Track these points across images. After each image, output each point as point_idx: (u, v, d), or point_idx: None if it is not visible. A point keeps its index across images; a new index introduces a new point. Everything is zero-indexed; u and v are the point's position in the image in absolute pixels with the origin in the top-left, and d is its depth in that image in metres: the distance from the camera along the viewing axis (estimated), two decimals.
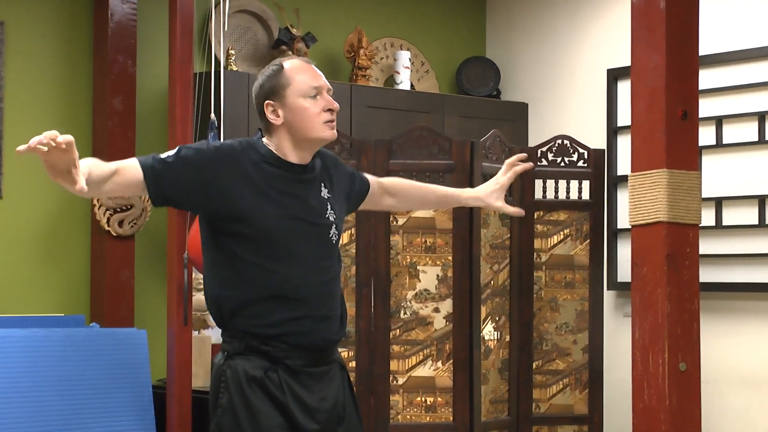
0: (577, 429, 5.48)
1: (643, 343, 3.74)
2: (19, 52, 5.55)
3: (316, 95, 3.36)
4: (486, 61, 7.05)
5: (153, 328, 5.68)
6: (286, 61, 3.41)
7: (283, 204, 3.31)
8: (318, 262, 3.36)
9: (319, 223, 3.38)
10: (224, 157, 3.29)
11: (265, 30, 6.31)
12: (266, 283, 3.28)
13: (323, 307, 3.36)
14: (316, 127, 3.35)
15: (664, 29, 3.73)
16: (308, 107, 3.35)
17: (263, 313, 3.29)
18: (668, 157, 3.73)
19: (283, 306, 3.29)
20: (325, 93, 3.37)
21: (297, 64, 3.39)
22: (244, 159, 3.31)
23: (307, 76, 3.36)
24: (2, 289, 5.47)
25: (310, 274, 3.33)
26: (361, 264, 5.16)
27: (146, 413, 5.17)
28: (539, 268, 5.47)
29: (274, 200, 3.30)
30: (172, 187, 3.23)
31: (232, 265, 3.30)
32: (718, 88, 5.97)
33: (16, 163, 5.51)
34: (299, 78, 3.36)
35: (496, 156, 5.32)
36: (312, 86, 3.35)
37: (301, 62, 3.40)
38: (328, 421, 3.36)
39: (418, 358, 5.21)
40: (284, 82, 3.36)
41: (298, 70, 3.37)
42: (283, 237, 3.29)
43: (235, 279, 3.30)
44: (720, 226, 5.95)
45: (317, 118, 3.35)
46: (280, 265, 3.29)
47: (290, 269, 3.30)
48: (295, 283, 3.30)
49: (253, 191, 3.28)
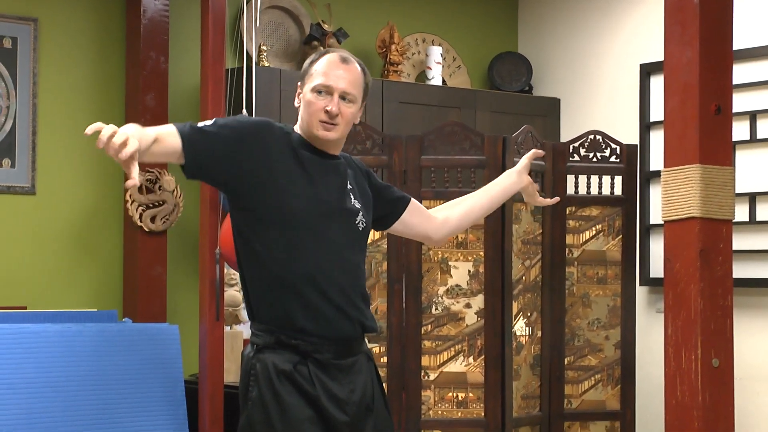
0: (609, 425, 5.46)
1: (676, 339, 3.72)
2: (52, 49, 5.58)
3: (322, 92, 3.37)
4: (518, 57, 7.03)
5: (185, 324, 5.70)
6: (329, 52, 3.44)
7: (313, 185, 3.34)
8: (342, 249, 3.37)
9: (345, 208, 3.40)
10: (262, 131, 3.33)
11: (296, 26, 6.31)
12: (290, 270, 3.29)
13: (347, 294, 3.37)
14: (313, 122, 3.37)
15: (698, 24, 3.71)
16: (312, 102, 3.38)
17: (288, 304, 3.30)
18: (701, 152, 3.71)
19: (306, 296, 3.30)
20: (335, 95, 3.37)
21: (329, 59, 3.40)
22: (279, 137, 3.36)
23: (325, 72, 3.38)
24: (36, 284, 5.50)
25: (334, 262, 3.34)
26: (393, 260, 5.16)
27: (178, 408, 5.19)
28: (571, 264, 5.45)
29: (305, 180, 3.33)
30: (208, 157, 3.24)
31: (259, 254, 3.31)
32: (752, 82, 5.94)
33: (50, 160, 5.54)
34: (318, 71, 3.38)
35: (528, 152, 5.30)
36: (322, 83, 3.37)
37: (335, 59, 3.40)
38: (357, 413, 3.38)
39: (450, 353, 5.20)
40: (310, 71, 3.41)
41: (325, 64, 3.39)
42: (311, 218, 3.31)
43: (262, 269, 3.32)
44: (754, 222, 5.91)
45: (315, 115, 3.37)
46: (306, 247, 3.30)
47: (316, 253, 3.31)
48: (319, 270, 3.30)
49: (285, 168, 3.31)
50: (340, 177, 3.44)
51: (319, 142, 3.40)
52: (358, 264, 3.43)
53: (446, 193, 5.19)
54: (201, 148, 3.22)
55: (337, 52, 3.44)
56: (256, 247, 3.32)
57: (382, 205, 3.65)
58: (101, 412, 4.98)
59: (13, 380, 4.83)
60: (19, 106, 5.46)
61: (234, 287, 5.63)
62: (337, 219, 3.38)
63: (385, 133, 5.51)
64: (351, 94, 3.39)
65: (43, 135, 5.52)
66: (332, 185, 3.40)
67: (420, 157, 5.21)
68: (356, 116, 3.45)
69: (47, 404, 4.88)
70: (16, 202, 5.46)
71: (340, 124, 3.38)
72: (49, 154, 5.54)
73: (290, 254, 3.30)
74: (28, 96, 5.48)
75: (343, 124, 3.39)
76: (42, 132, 5.52)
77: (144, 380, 5.13)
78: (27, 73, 5.48)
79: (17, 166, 5.46)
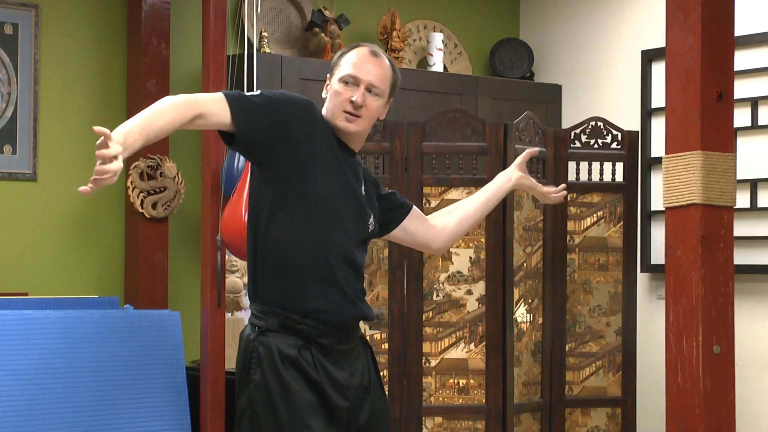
0: (611, 411, 5.47)
1: (677, 325, 3.73)
2: (53, 35, 5.57)
3: (349, 83, 3.37)
4: (519, 43, 7.02)
5: (187, 310, 5.70)
6: (360, 45, 3.45)
7: (341, 175, 3.36)
8: (355, 243, 3.40)
9: (363, 206, 3.44)
10: (308, 112, 3.33)
11: (298, 12, 6.31)
12: (310, 252, 3.30)
13: (353, 286, 3.41)
14: (336, 112, 3.37)
15: (700, 10, 3.70)
16: (339, 92, 3.38)
17: (302, 288, 3.31)
18: (703, 138, 3.71)
19: (318, 279, 3.31)
20: (362, 87, 3.37)
21: (359, 52, 3.42)
22: (320, 121, 3.37)
23: (354, 64, 3.39)
24: (37, 271, 5.50)
25: (348, 251, 3.36)
26: (394, 246, 5.16)
27: (180, 395, 5.20)
28: (572, 251, 5.46)
29: (335, 169, 3.36)
30: (256, 126, 3.23)
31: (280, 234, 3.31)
32: (754, 69, 5.93)
33: (51, 146, 5.54)
34: (347, 63, 3.40)
35: (529, 138, 5.31)
36: (350, 74, 3.38)
37: (365, 52, 3.42)
38: (356, 397, 3.40)
39: (451, 340, 5.21)
40: (339, 62, 3.44)
41: (355, 56, 3.41)
42: (336, 206, 3.34)
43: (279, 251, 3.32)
44: (755, 208, 5.91)
45: (341, 105, 3.37)
46: (327, 234, 3.31)
47: (335, 241, 3.33)
48: (332, 255, 3.32)
49: (321, 153, 3.33)
50: (358, 177, 3.47)
51: (340, 134, 3.40)
52: (361, 263, 3.46)
53: (447, 179, 5.19)
54: (251, 116, 3.22)
55: (368, 46, 3.46)
56: (276, 226, 3.32)
57: (385, 211, 3.67)
58: (102, 399, 4.99)
59: (15, 366, 4.83)
60: (21, 92, 5.45)
61: (235, 274, 5.63)
62: (356, 214, 3.42)
63: (386, 119, 5.51)
64: (378, 87, 3.40)
65: (45, 121, 5.52)
66: (353, 179, 3.42)
67: (421, 143, 5.21)
68: (381, 112, 3.46)
69: (48, 390, 4.88)
70: (18, 189, 5.46)
71: (364, 116, 3.38)
72: (50, 141, 5.54)
73: (311, 238, 3.31)
74: (30, 82, 5.47)
75: (367, 117, 3.39)
76: (43, 118, 5.52)
77: (145, 367, 5.14)
78: (28, 60, 5.47)
79: (18, 152, 5.46)
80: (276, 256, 3.33)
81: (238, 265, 5.63)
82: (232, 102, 3.19)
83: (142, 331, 5.17)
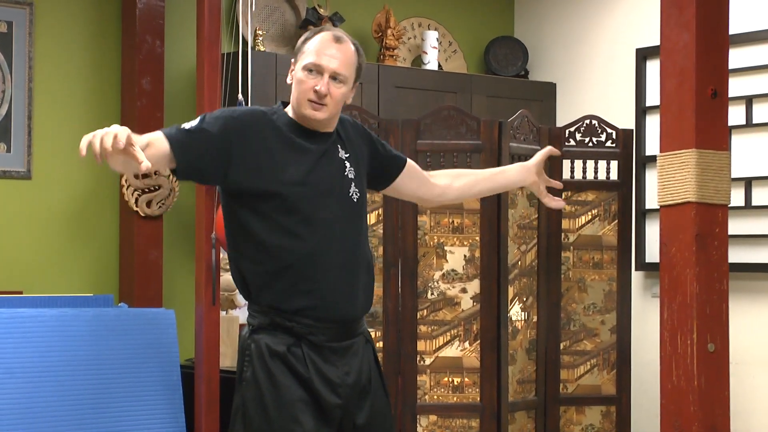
0: (605, 410, 5.47)
1: (672, 323, 3.73)
2: (48, 33, 5.57)
3: (313, 71, 3.34)
4: (514, 41, 7.02)
5: (181, 308, 5.70)
6: (323, 31, 3.40)
7: (302, 167, 3.33)
8: (339, 226, 3.36)
9: (337, 183, 3.39)
10: (244, 125, 3.31)
11: (292, 10, 6.30)
12: (288, 252, 3.29)
13: (346, 277, 3.37)
14: (302, 101, 3.35)
15: (694, 8, 3.70)
16: (302, 80, 3.35)
17: (286, 285, 3.30)
18: (697, 136, 3.70)
19: (303, 276, 3.30)
20: (325, 75, 3.33)
21: (322, 38, 3.37)
22: (265, 125, 3.34)
23: (317, 51, 3.34)
24: (32, 269, 5.50)
25: (331, 240, 3.34)
26: (389, 244, 5.16)
27: (174, 393, 5.20)
28: (567, 249, 5.46)
29: (294, 164, 3.32)
30: (196, 157, 3.23)
31: (255, 237, 3.31)
32: (749, 67, 5.93)
33: (46, 144, 5.53)
34: (311, 50, 3.35)
35: (524, 136, 5.31)
36: (313, 62, 3.33)
37: (328, 38, 3.37)
38: (350, 395, 3.38)
39: (446, 338, 5.21)
40: (303, 48, 3.38)
41: (318, 42, 3.36)
42: (303, 201, 3.30)
43: (258, 252, 3.32)
44: (749, 207, 5.92)
45: (305, 93, 3.34)
46: (300, 232, 3.29)
47: (311, 235, 3.31)
48: (316, 250, 3.30)
49: (273, 156, 3.30)
50: (331, 150, 3.42)
51: (307, 121, 3.37)
52: (356, 235, 3.41)
53: None
54: (188, 148, 3.21)
55: (331, 30, 3.41)
56: (251, 234, 3.32)
57: (377, 165, 3.61)
58: (97, 397, 4.99)
59: (10, 365, 4.83)
60: (15, 90, 5.45)
61: (229, 272, 5.63)
62: (330, 196, 3.36)
63: (381, 117, 5.51)
64: (342, 74, 3.36)
65: (39, 119, 5.51)
66: (323, 162, 3.38)
67: (416, 141, 5.21)
68: (347, 96, 3.42)
69: (43, 388, 4.88)
70: (12, 187, 5.46)
71: (329, 104, 3.36)
72: (45, 139, 5.53)
73: (286, 239, 3.29)
74: (24, 80, 5.47)
75: (332, 105, 3.37)
76: (38, 116, 5.51)
77: (140, 365, 5.13)
78: (23, 58, 5.47)
79: (13, 150, 5.45)
80: (258, 262, 3.32)
81: None
82: (169, 134, 3.21)
83: (137, 329, 5.17)
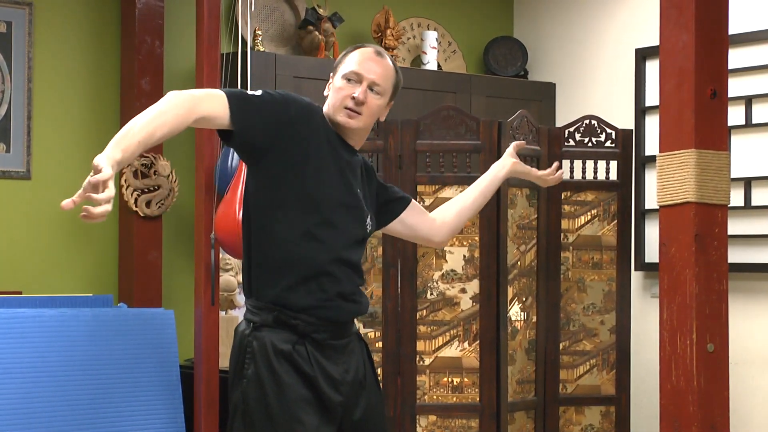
0: (605, 410, 5.47)
1: (671, 323, 3.73)
2: (47, 33, 5.57)
3: (352, 80, 3.38)
4: (513, 41, 7.02)
5: (180, 309, 5.70)
6: (364, 46, 3.46)
7: (340, 175, 3.36)
8: (352, 242, 3.40)
9: (361, 206, 3.44)
10: (307, 111, 3.34)
11: (292, 10, 6.30)
12: (301, 251, 3.30)
13: (352, 283, 3.41)
14: (337, 107, 3.37)
15: (694, 8, 3.70)
16: (340, 87, 3.39)
17: (293, 282, 3.31)
18: (697, 137, 3.70)
19: (313, 276, 3.31)
20: (364, 84, 3.38)
21: (364, 51, 3.43)
22: (321, 122, 3.38)
23: (358, 62, 3.40)
24: (31, 269, 5.50)
25: (346, 250, 3.36)
26: (388, 244, 5.16)
27: (174, 393, 5.20)
28: (566, 249, 5.46)
29: (334, 169, 3.35)
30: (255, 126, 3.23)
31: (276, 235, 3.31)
32: (748, 67, 5.93)
33: (45, 144, 5.53)
34: (351, 61, 3.42)
35: (523, 136, 5.30)
36: (353, 70, 3.39)
37: (369, 51, 3.43)
38: (350, 392, 3.41)
39: (445, 338, 5.21)
40: (343, 60, 3.44)
41: (359, 54, 3.42)
42: (333, 207, 3.33)
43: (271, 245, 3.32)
44: (749, 207, 5.91)
45: (342, 101, 3.37)
46: (317, 233, 3.31)
47: (332, 241, 3.33)
48: (329, 252, 3.32)
49: (320, 154, 3.32)
50: (357, 177, 3.47)
51: (340, 130, 3.40)
52: (357, 261, 3.45)
53: (442, 177, 5.19)
54: (250, 119, 3.22)
55: (373, 46, 3.47)
56: (272, 224, 3.32)
57: (383, 203, 3.67)
58: (97, 397, 4.99)
59: (9, 365, 4.83)
60: (14, 90, 5.44)
61: (229, 272, 5.63)
62: (354, 215, 3.42)
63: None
64: (380, 85, 3.40)
65: (39, 120, 5.51)
66: (349, 175, 3.42)
67: (415, 141, 5.21)
68: (382, 112, 3.46)
69: (43, 389, 4.88)
70: (12, 187, 5.46)
71: (364, 113, 3.38)
72: (44, 139, 5.53)
73: (308, 238, 3.30)
74: (23, 81, 5.46)
75: (367, 115, 3.39)
76: (37, 117, 5.51)
77: (139, 365, 5.13)
78: (22, 58, 5.46)
79: (12, 151, 5.45)
80: (272, 254, 3.33)
81: (231, 264, 5.63)
82: (232, 101, 3.20)
83: (136, 329, 5.17)
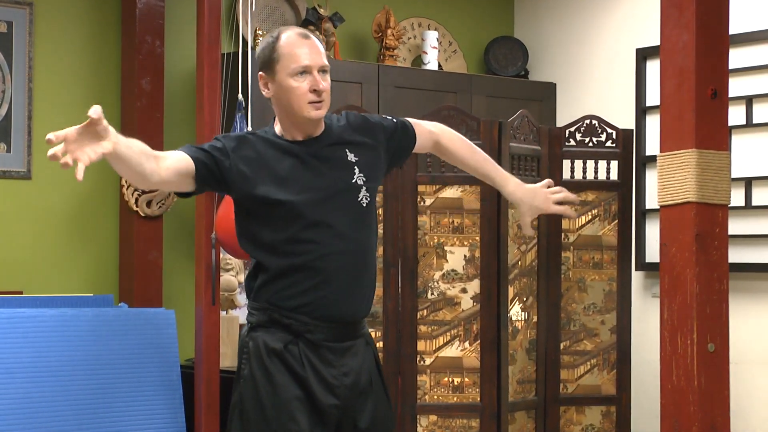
0: (605, 410, 5.47)
1: (672, 323, 3.73)
2: (47, 33, 5.57)
3: (303, 73, 3.32)
4: (514, 41, 7.02)
5: (181, 308, 5.70)
6: (283, 32, 3.34)
7: (304, 176, 3.32)
8: (347, 230, 3.35)
9: (344, 189, 3.37)
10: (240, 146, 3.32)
11: (292, 10, 6.30)
12: (291, 254, 3.30)
13: (350, 279, 3.36)
14: (302, 106, 3.31)
15: (694, 7, 3.70)
16: (295, 86, 3.30)
17: (287, 284, 3.31)
18: (697, 136, 3.71)
19: (307, 277, 3.30)
20: (315, 72, 3.30)
21: (292, 39, 3.32)
22: (258, 144, 3.34)
23: (297, 54, 3.29)
24: (32, 269, 5.50)
25: (337, 243, 3.33)
26: (389, 244, 5.16)
27: (174, 393, 5.20)
28: (567, 249, 5.46)
29: (295, 175, 3.32)
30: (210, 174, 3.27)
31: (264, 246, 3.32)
32: (749, 67, 5.93)
33: (46, 145, 5.51)
34: (289, 55, 3.30)
35: (524, 136, 5.31)
36: (301, 65, 3.29)
37: (297, 36, 3.32)
38: (349, 396, 3.36)
39: (446, 338, 5.21)
40: (275, 56, 3.31)
41: (291, 45, 3.31)
42: (308, 209, 3.30)
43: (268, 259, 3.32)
44: (749, 207, 5.91)
45: (303, 98, 3.30)
46: (308, 238, 3.30)
47: (319, 242, 3.30)
48: (320, 253, 3.30)
49: (269, 174, 3.30)
50: (334, 156, 3.40)
51: (310, 125, 3.36)
52: (365, 239, 3.40)
53: (442, 177, 5.19)
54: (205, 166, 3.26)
55: (290, 30, 3.37)
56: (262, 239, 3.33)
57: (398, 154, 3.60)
58: (98, 397, 4.99)
59: (10, 365, 4.83)
60: (15, 90, 5.45)
61: (230, 272, 5.63)
62: (336, 201, 3.35)
63: None
64: (326, 65, 3.35)
65: (39, 119, 5.51)
66: (326, 168, 3.37)
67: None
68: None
69: (44, 388, 4.88)
70: (12, 187, 5.46)
71: (326, 98, 3.35)
72: (44, 139, 5.52)
73: (294, 246, 3.30)
74: (24, 80, 5.47)
75: (328, 98, 3.36)
76: (38, 116, 5.51)
77: (140, 365, 5.13)
78: (22, 58, 5.47)
79: (13, 150, 5.45)
80: (266, 263, 3.34)
81: (232, 263, 5.63)
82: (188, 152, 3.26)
83: (137, 329, 5.17)
